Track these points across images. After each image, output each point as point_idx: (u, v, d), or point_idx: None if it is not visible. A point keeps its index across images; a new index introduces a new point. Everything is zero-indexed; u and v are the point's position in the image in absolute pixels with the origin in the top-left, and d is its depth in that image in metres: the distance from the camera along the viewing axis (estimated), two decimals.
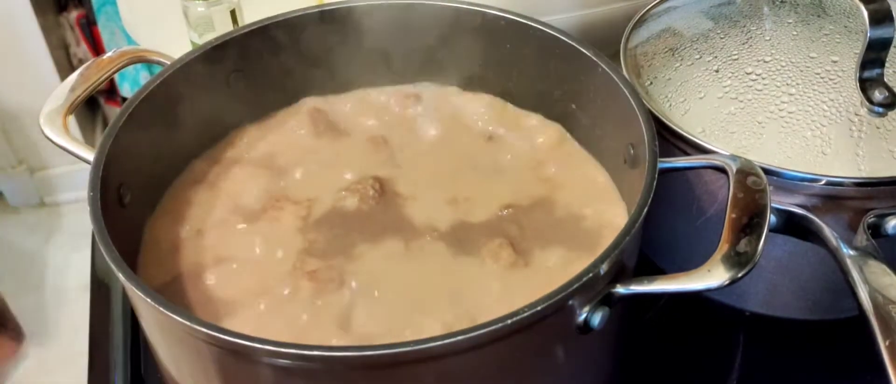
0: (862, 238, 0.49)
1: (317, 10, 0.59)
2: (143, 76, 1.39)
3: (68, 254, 1.74)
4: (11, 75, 1.58)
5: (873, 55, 0.52)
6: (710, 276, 0.40)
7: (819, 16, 0.58)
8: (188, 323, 0.39)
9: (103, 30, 1.54)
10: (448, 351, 0.38)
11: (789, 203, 0.51)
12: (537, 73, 0.59)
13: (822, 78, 0.54)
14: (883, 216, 0.50)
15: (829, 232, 0.49)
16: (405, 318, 0.47)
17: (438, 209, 0.54)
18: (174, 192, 0.56)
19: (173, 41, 0.68)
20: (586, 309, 0.41)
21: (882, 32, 0.52)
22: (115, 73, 0.56)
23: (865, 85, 0.53)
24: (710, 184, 0.53)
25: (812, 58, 0.55)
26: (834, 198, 0.50)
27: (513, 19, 0.57)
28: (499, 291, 0.49)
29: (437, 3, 0.59)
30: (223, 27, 0.66)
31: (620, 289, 0.42)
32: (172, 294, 0.49)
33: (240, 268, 0.51)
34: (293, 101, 0.62)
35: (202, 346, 0.41)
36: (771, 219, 0.47)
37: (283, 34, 0.58)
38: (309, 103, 0.62)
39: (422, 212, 0.54)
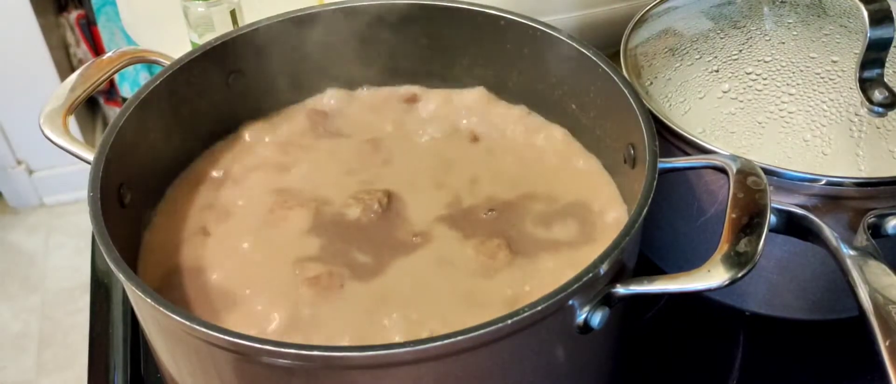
0: (862, 238, 0.49)
1: (317, 10, 0.59)
2: (143, 76, 1.39)
3: (68, 254, 1.74)
4: (11, 75, 1.59)
5: (873, 55, 0.52)
6: (710, 276, 0.40)
7: (819, 16, 0.58)
8: (188, 323, 0.39)
9: (103, 30, 1.54)
10: (448, 351, 0.38)
11: (789, 203, 0.51)
12: (537, 73, 0.59)
13: (822, 78, 0.54)
14: (883, 216, 0.50)
15: (829, 232, 0.49)
16: (404, 320, 0.47)
17: (437, 210, 0.54)
18: (174, 192, 0.56)
19: (173, 41, 0.68)
20: (586, 309, 0.41)
21: (882, 32, 0.52)
22: (115, 73, 0.56)
23: (865, 85, 0.53)
24: (710, 184, 0.53)
25: (812, 58, 0.55)
26: (834, 198, 0.50)
27: (513, 19, 0.57)
28: (498, 292, 0.49)
29: (436, 3, 0.59)
30: (223, 27, 0.66)
31: (620, 289, 0.42)
32: (172, 294, 0.49)
33: (239, 269, 0.51)
34: (293, 102, 0.62)
35: (202, 346, 0.41)
36: (771, 219, 0.47)
37: (284, 34, 0.58)
38: (308, 104, 0.62)
39: (420, 214, 0.54)
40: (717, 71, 0.56)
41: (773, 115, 0.53)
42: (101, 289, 0.64)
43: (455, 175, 0.57)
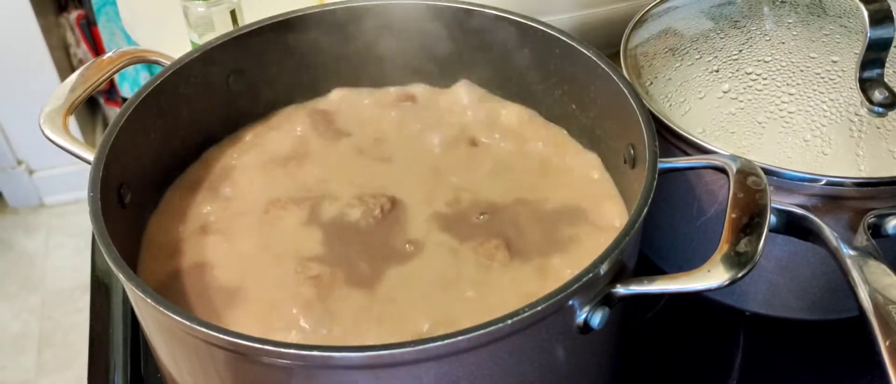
0: (862, 238, 0.49)
1: (317, 10, 0.59)
2: (143, 76, 1.39)
3: (68, 254, 1.74)
4: (11, 75, 1.59)
5: (873, 55, 0.52)
6: (710, 277, 0.40)
7: (819, 16, 0.58)
8: (188, 322, 0.39)
9: (103, 30, 1.54)
10: (448, 351, 0.38)
11: (789, 203, 0.51)
12: (537, 73, 0.59)
13: (822, 78, 0.54)
14: (883, 216, 0.50)
15: (829, 232, 0.49)
16: (404, 321, 0.47)
17: (436, 210, 0.54)
18: (174, 192, 0.56)
19: (173, 41, 0.68)
20: (586, 309, 0.41)
21: (882, 32, 0.52)
22: (115, 73, 0.56)
23: (865, 85, 0.53)
24: (710, 184, 0.53)
25: (812, 58, 0.55)
26: (834, 198, 0.50)
27: (513, 19, 0.57)
28: (498, 292, 0.49)
29: (436, 3, 0.59)
30: (223, 27, 0.66)
31: (620, 290, 0.42)
32: (172, 294, 0.49)
33: (240, 269, 0.51)
34: (293, 102, 0.62)
35: (202, 346, 0.41)
36: (771, 219, 0.47)
37: (283, 34, 0.58)
38: (309, 104, 0.62)
39: (420, 214, 0.54)
40: (717, 71, 0.56)
41: (773, 115, 0.53)
42: (101, 289, 0.64)
43: (453, 175, 0.57)
